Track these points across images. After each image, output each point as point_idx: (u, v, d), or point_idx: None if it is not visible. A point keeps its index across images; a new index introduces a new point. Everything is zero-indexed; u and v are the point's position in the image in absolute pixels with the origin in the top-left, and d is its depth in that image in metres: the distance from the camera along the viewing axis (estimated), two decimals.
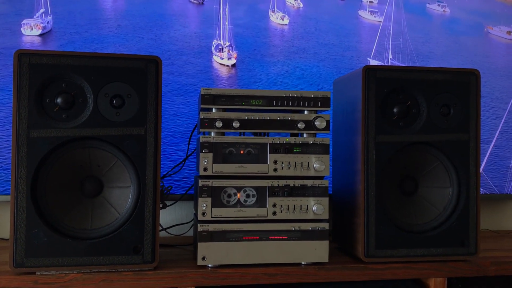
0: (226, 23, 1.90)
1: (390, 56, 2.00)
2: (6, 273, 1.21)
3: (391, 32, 2.01)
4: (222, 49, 1.88)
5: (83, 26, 1.81)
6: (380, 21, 2.00)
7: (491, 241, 1.80)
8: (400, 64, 2.00)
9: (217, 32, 1.88)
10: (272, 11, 1.93)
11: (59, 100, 1.24)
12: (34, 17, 1.78)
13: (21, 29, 1.77)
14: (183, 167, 1.73)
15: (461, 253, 1.42)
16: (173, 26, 1.88)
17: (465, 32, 2.10)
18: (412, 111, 1.41)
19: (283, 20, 1.94)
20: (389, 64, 1.98)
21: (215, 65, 1.87)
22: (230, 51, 1.89)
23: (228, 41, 1.89)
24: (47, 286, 1.21)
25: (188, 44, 1.87)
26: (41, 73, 1.22)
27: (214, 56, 1.88)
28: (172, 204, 1.69)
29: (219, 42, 1.88)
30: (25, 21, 1.77)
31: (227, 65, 1.88)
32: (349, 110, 1.47)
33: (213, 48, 1.87)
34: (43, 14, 1.79)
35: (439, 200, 1.45)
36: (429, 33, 2.06)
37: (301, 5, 1.97)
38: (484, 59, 2.10)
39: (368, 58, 1.98)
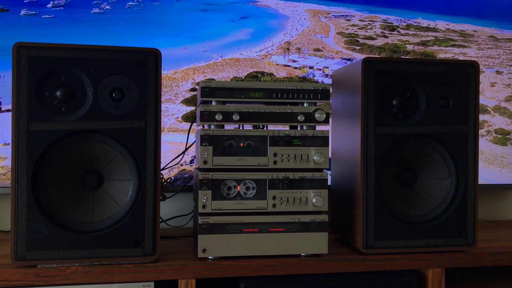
0: None
1: None
2: (7, 266, 1.21)
3: None
4: None
5: None
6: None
7: (487, 231, 1.81)
8: None
9: None
10: None
11: (58, 93, 1.23)
12: None
13: None
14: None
15: (459, 244, 1.43)
16: None
17: None
18: (411, 103, 1.41)
19: None
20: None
21: None
22: None
23: None
24: (49, 279, 1.22)
25: None
26: (40, 66, 1.21)
27: None
28: (171, 196, 1.69)
29: None
30: None
31: None
32: (348, 102, 1.47)
33: None
34: None
35: (438, 191, 1.46)
36: None
37: None
38: None
39: None
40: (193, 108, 1.72)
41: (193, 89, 1.72)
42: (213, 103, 1.32)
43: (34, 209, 1.21)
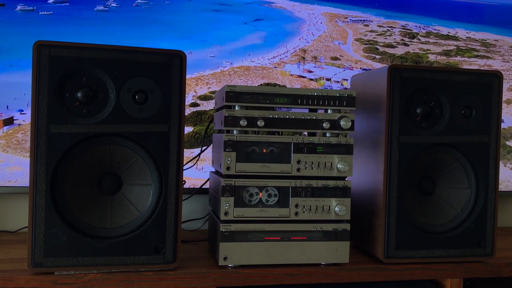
0: None
1: None
2: (24, 273, 1.17)
3: None
4: None
5: None
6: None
7: (500, 239, 1.81)
8: None
9: None
10: None
11: (79, 94, 1.19)
12: None
13: None
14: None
15: (478, 254, 1.43)
16: None
17: None
18: (435, 112, 1.40)
19: None
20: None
21: None
22: None
23: None
24: (67, 286, 1.18)
25: None
26: (62, 66, 1.17)
27: None
28: (186, 199, 1.66)
29: None
30: None
31: None
32: (370, 109, 1.45)
33: None
34: None
35: (457, 201, 1.45)
36: None
37: None
38: None
39: None
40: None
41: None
42: (236, 108, 1.29)
43: (52, 214, 1.17)
